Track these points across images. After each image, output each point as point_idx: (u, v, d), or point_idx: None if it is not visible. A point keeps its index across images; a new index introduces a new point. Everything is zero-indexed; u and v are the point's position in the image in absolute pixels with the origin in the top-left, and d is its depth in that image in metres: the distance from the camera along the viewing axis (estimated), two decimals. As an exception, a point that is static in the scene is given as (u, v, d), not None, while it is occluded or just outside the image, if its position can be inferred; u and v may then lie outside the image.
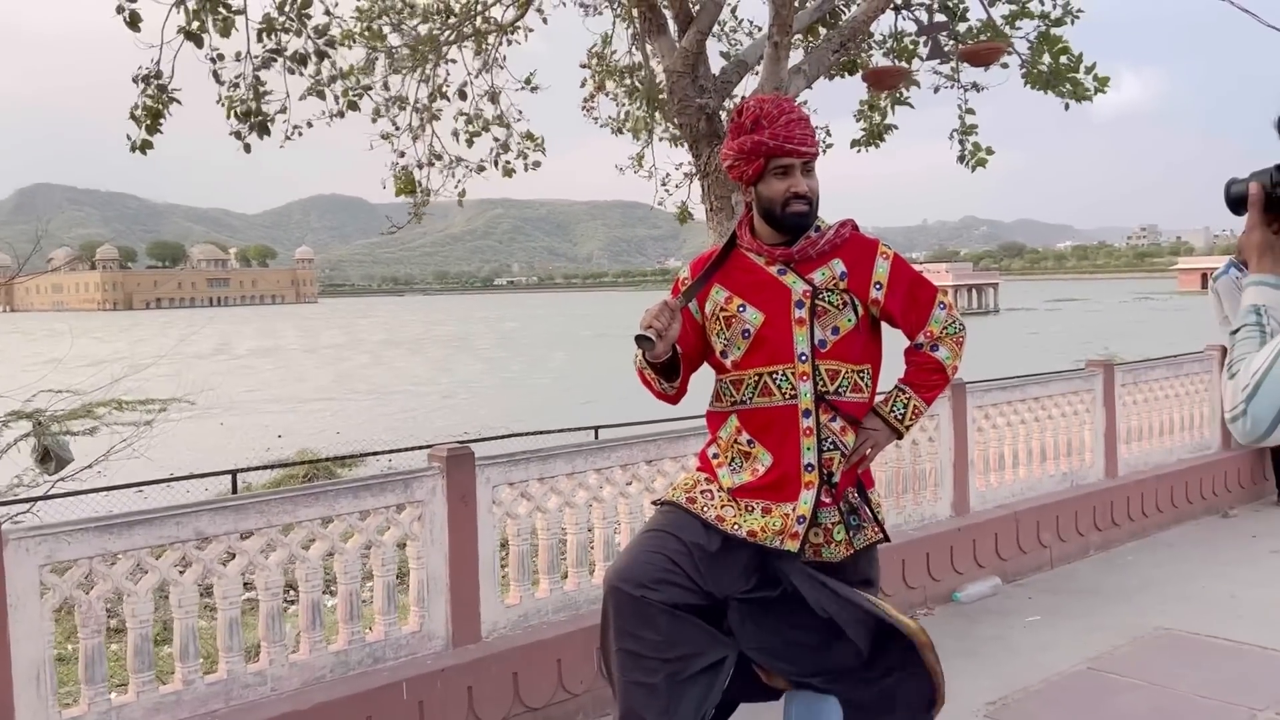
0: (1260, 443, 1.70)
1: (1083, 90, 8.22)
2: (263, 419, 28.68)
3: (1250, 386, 1.67)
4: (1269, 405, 1.66)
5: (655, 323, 2.76)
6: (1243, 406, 1.68)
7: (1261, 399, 1.66)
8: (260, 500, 3.70)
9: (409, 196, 9.41)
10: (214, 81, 7.31)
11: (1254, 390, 1.67)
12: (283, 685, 3.71)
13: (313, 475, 12.92)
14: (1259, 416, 1.66)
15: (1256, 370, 1.67)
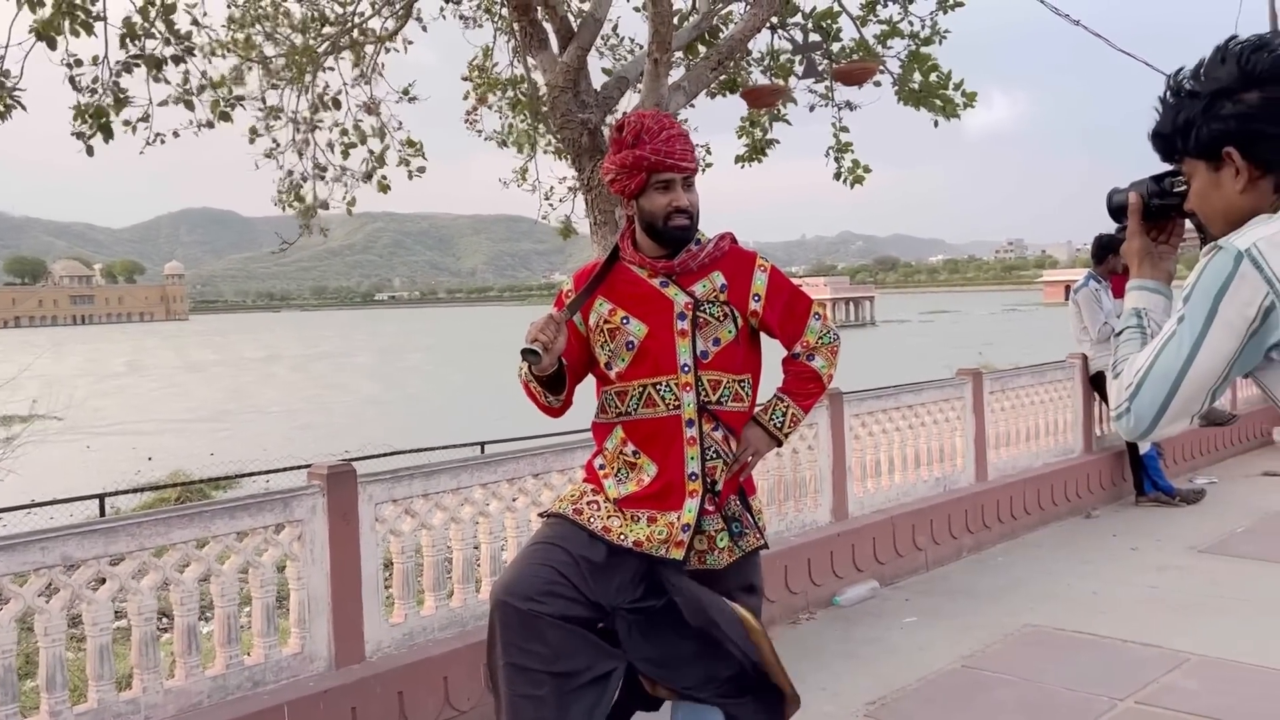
0: (1144, 438, 1.79)
1: (952, 107, 8.55)
2: (132, 441, 27.59)
3: (1133, 385, 1.76)
4: (1150, 403, 1.74)
5: (541, 336, 2.79)
6: (1126, 404, 1.76)
7: (1143, 396, 1.74)
8: (131, 523, 3.58)
9: (302, 216, 9.22)
10: (71, 88, 7.04)
11: (1136, 389, 1.75)
12: (157, 713, 3.59)
13: (186, 497, 12.50)
14: (1141, 414, 1.75)
15: (1139, 369, 1.75)
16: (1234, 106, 1.72)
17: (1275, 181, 1.74)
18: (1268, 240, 1.65)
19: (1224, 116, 1.73)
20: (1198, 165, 1.80)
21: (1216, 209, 1.81)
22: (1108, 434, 8.51)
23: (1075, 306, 8.21)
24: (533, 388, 3.01)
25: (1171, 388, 1.73)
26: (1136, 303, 1.93)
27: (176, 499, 12.54)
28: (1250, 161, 1.74)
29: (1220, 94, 1.74)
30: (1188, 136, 1.79)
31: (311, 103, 8.85)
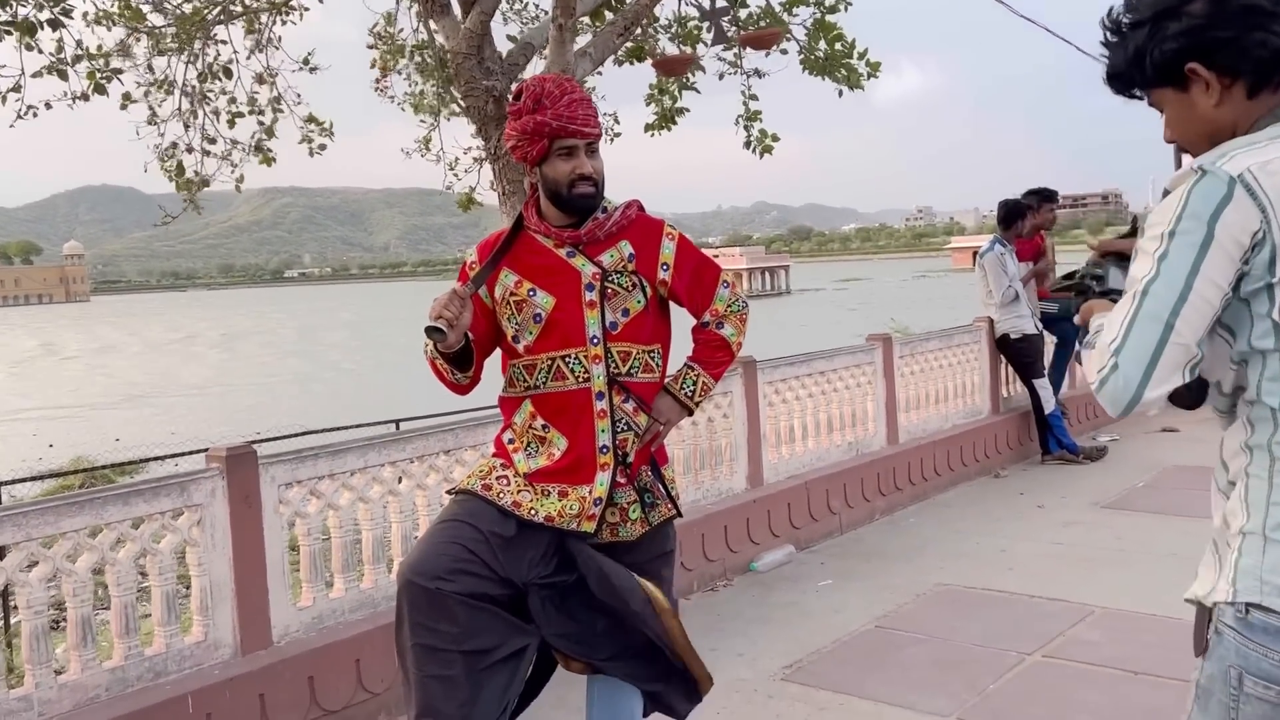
0: (1132, 406, 1.59)
1: (856, 76, 8.59)
2: (30, 428, 26.65)
3: (1117, 338, 1.59)
4: (1140, 353, 1.57)
5: (445, 312, 2.71)
6: (1111, 360, 1.58)
7: (1131, 347, 1.58)
8: (16, 512, 3.41)
9: (186, 190, 8.87)
10: None
11: (1122, 340, 1.59)
12: (52, 709, 3.45)
13: (90, 484, 12.10)
14: (1129, 371, 1.57)
15: (1122, 319, 1.60)
16: (1182, 22, 1.65)
17: (1249, 86, 1.65)
18: (1260, 166, 1.56)
19: (1175, 35, 1.66)
20: (1164, 93, 1.72)
21: (1199, 132, 1.72)
22: (1014, 395, 8.70)
23: (982, 270, 8.36)
24: (439, 365, 2.93)
25: (1165, 329, 1.57)
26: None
27: (80, 486, 12.14)
28: (1216, 72, 1.65)
29: (1163, 14, 1.67)
30: (1143, 66, 1.71)
31: (201, 72, 8.51)
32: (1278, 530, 1.60)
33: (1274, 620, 1.59)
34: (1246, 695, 1.64)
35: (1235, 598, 1.63)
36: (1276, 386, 1.60)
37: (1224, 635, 1.66)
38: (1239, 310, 1.61)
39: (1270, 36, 1.62)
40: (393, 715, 4.19)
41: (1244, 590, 1.62)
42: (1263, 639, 1.61)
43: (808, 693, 4.22)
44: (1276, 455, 1.62)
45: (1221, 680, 1.67)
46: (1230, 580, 1.64)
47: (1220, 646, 1.66)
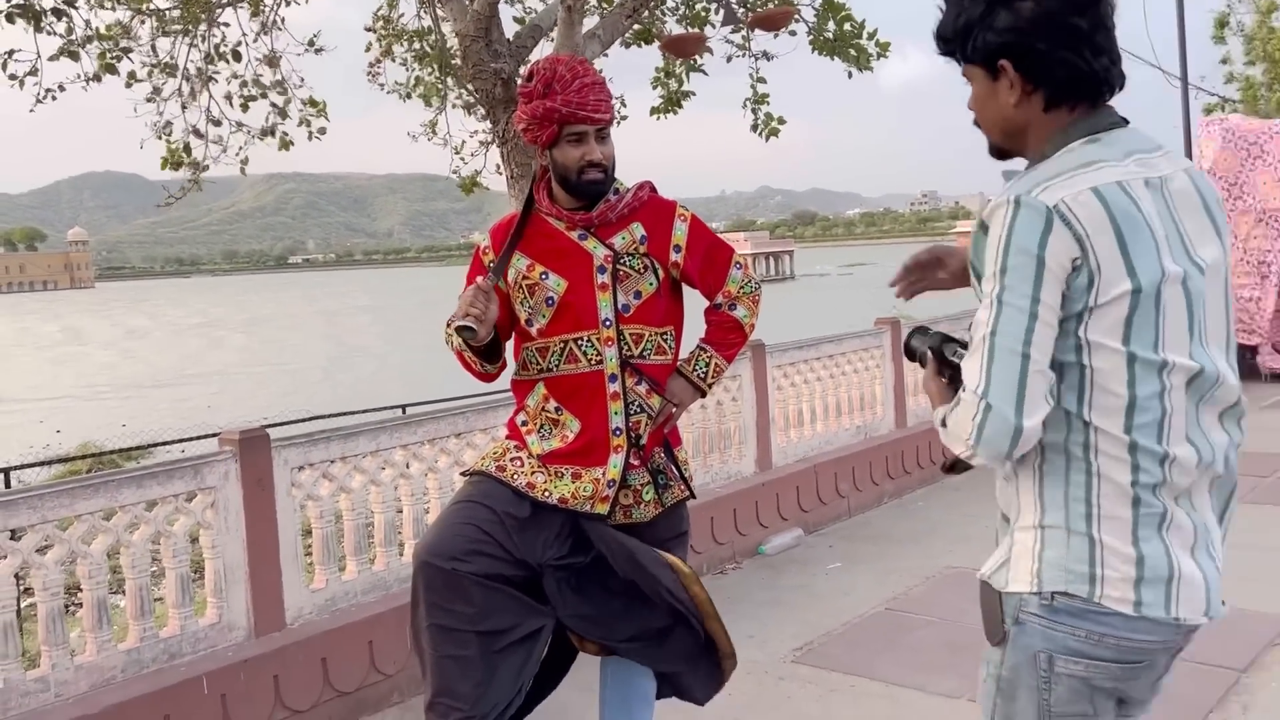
0: (1016, 446, 1.65)
1: (865, 57, 8.55)
2: (38, 414, 26.72)
3: (981, 382, 1.65)
4: (1007, 389, 1.64)
5: (473, 310, 2.72)
6: (982, 403, 1.64)
7: (996, 386, 1.64)
8: (32, 495, 3.43)
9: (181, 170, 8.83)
10: None
11: (986, 383, 1.64)
12: (68, 690, 3.47)
13: (97, 469, 12.14)
14: (1002, 409, 1.63)
15: (978, 366, 1.66)
16: (1009, 17, 1.71)
17: (1045, 98, 1.74)
18: (1073, 198, 1.64)
19: (1000, 28, 1.72)
20: (976, 71, 1.79)
21: (993, 118, 1.81)
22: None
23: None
24: (467, 357, 2.94)
25: (1023, 360, 1.64)
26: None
27: (87, 471, 12.18)
28: (1022, 75, 1.73)
29: (997, 1, 1.72)
30: (966, 42, 1.77)
31: (206, 53, 8.47)
32: (1079, 524, 1.71)
33: (1078, 603, 1.71)
34: (1058, 675, 1.75)
35: (1041, 588, 1.73)
36: (1073, 394, 1.70)
37: (1026, 624, 1.75)
38: None
39: (1077, 60, 1.70)
40: (405, 696, 4.22)
41: (1050, 580, 1.73)
42: (1070, 620, 1.72)
43: (818, 674, 4.24)
44: (1074, 455, 1.72)
45: (1029, 667, 1.77)
46: (1034, 572, 1.74)
47: (1023, 635, 1.76)
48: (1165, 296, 1.67)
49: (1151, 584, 1.71)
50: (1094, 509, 1.72)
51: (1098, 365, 1.69)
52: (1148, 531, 1.72)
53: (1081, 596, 1.71)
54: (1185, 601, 1.72)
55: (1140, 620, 1.71)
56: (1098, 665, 1.74)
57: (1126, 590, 1.71)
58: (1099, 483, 1.72)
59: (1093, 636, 1.72)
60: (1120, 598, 1.70)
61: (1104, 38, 1.72)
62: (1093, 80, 1.73)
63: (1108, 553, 1.71)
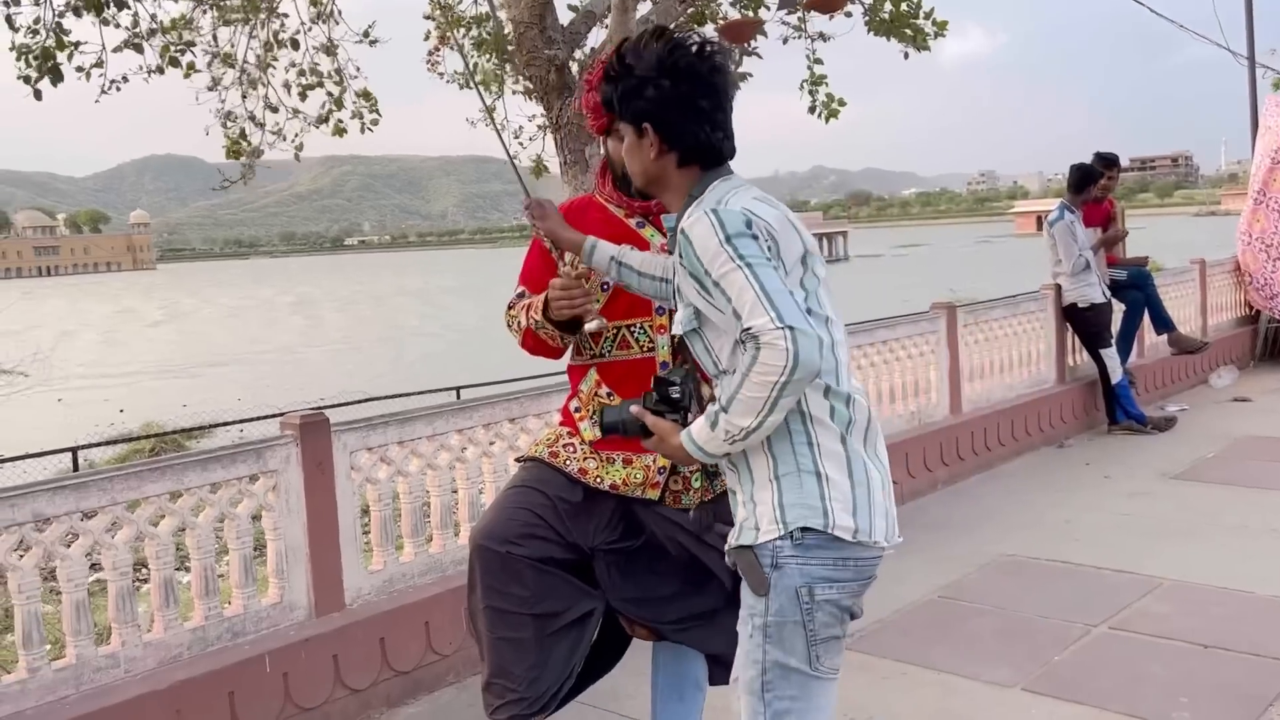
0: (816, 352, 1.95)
1: (922, 37, 8.45)
2: (103, 393, 27.35)
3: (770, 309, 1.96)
4: (791, 309, 1.96)
5: (580, 305, 2.79)
6: (780, 328, 1.93)
7: (783, 310, 1.95)
8: (102, 477, 3.53)
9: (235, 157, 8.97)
10: (7, 26, 6.80)
11: (777, 316, 1.94)
12: (137, 666, 3.58)
13: (159, 449, 12.42)
14: (796, 322, 1.93)
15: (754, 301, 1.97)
16: (654, 91, 2.19)
17: (678, 157, 2.23)
18: (751, 205, 2.12)
19: (647, 98, 2.20)
20: (628, 128, 2.26)
21: (636, 168, 2.30)
22: (1080, 364, 8.57)
23: (1051, 239, 8.19)
24: (544, 334, 2.94)
25: (791, 295, 1.99)
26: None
27: (150, 450, 12.45)
28: (660, 137, 2.22)
29: (649, 79, 2.19)
30: (624, 106, 2.25)
31: (265, 41, 8.59)
32: (808, 463, 2.08)
33: (822, 537, 2.07)
34: (818, 602, 2.09)
35: (788, 527, 2.07)
36: None
37: (785, 566, 2.09)
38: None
39: (700, 132, 2.21)
40: (460, 676, 4.29)
41: (793, 519, 2.07)
42: (819, 552, 2.07)
43: (870, 661, 4.24)
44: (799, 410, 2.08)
45: (791, 603, 2.09)
46: (778, 519, 2.08)
47: (783, 577, 2.09)
48: (814, 267, 2.17)
49: (862, 513, 2.08)
50: (815, 449, 2.08)
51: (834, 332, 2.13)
52: (857, 465, 2.10)
53: (816, 529, 2.06)
54: (882, 530, 2.11)
55: (858, 545, 2.08)
56: (845, 586, 2.10)
57: (848, 519, 2.07)
58: (814, 425, 2.08)
59: (838, 561, 2.08)
60: (844, 526, 2.06)
61: (722, 118, 2.24)
62: (711, 148, 2.24)
63: (831, 486, 2.07)
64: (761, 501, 2.12)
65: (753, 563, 2.12)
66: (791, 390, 1.95)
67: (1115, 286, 8.47)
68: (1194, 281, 10.26)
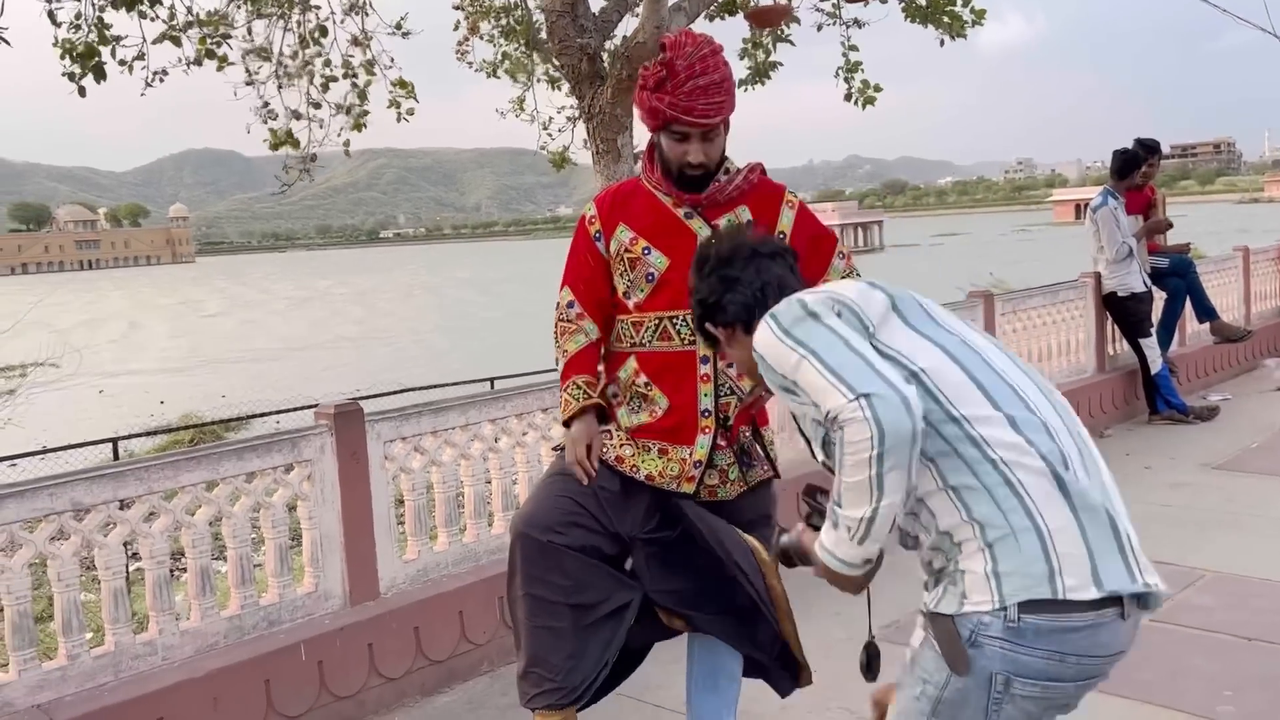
0: (908, 409, 1.77)
1: (959, 24, 8.35)
2: (143, 384, 27.71)
3: (838, 382, 1.80)
4: (859, 373, 1.79)
5: (589, 468, 2.91)
6: (856, 399, 1.76)
7: (851, 374, 1.79)
8: (139, 466, 3.56)
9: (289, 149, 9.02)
10: (50, 22, 6.87)
11: (841, 379, 1.79)
12: (174, 654, 3.61)
13: (198, 439, 12.56)
14: (893, 418, 1.74)
15: (822, 385, 1.82)
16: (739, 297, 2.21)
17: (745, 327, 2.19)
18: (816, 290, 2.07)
19: (738, 304, 2.20)
20: (730, 331, 2.24)
21: (743, 360, 2.23)
22: (1120, 353, 8.45)
23: (1094, 225, 8.06)
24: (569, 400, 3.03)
25: (855, 352, 1.83)
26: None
27: (189, 441, 12.60)
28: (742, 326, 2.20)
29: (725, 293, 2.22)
30: (724, 313, 2.23)
31: (301, 36, 8.63)
32: (1021, 518, 1.77)
33: (1045, 618, 1.73)
34: (1012, 696, 1.79)
35: (1005, 601, 1.75)
36: (924, 397, 1.86)
37: (985, 647, 1.78)
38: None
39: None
40: (494, 665, 4.29)
41: (1011, 591, 1.75)
42: (1035, 641, 1.75)
43: (905, 652, 4.19)
44: (967, 455, 1.82)
45: (979, 688, 1.79)
46: (993, 589, 1.77)
47: (980, 658, 1.79)
48: (906, 313, 2.06)
49: (1108, 559, 1.75)
50: (1025, 498, 1.76)
51: (924, 364, 1.88)
52: (1081, 502, 1.78)
53: (1046, 599, 1.72)
54: (1122, 578, 1.77)
55: (1103, 606, 1.73)
56: (1056, 686, 1.78)
57: (1084, 573, 1.73)
58: (1011, 470, 1.78)
59: (1056, 656, 1.75)
60: (1079, 585, 1.72)
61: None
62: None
63: (1058, 537, 1.75)
64: (972, 570, 1.81)
65: (951, 634, 1.82)
66: (892, 461, 1.74)
67: (1157, 274, 8.34)
68: (1237, 269, 10.07)
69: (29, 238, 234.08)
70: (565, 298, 3.07)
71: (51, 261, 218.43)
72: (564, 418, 3.01)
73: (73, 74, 6.99)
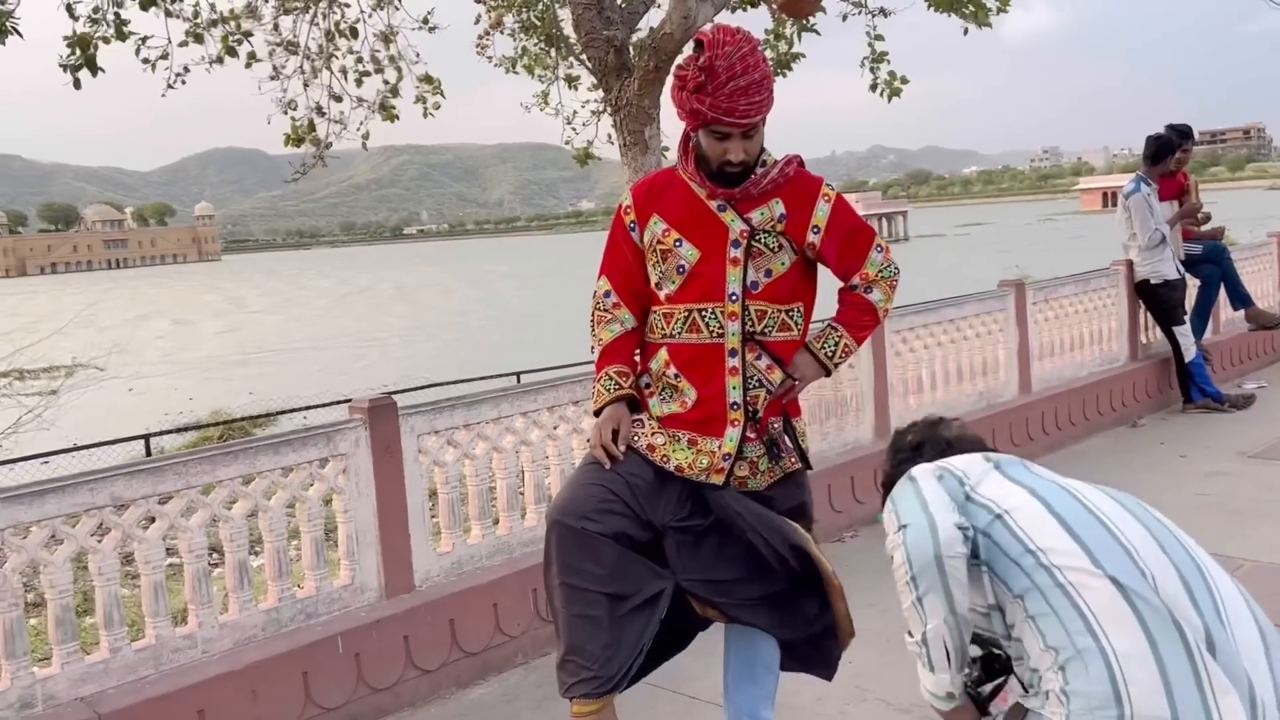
0: (938, 535, 2.02)
1: (984, 13, 8.26)
2: (173, 382, 27.94)
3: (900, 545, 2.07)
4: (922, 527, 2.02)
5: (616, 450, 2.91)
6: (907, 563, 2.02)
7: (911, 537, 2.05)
8: (178, 461, 3.59)
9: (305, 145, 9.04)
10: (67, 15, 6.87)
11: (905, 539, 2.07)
12: (214, 647, 3.64)
13: (228, 436, 12.65)
14: (916, 543, 2.00)
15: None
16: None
17: None
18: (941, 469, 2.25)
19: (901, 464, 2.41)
20: None
21: None
22: (1153, 341, 8.37)
23: (1126, 212, 7.97)
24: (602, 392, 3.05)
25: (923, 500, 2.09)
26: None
27: (219, 437, 12.69)
28: None
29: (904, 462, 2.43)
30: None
31: (327, 30, 8.64)
32: (1086, 640, 1.82)
33: None
34: None
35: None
36: (1003, 537, 2.11)
37: None
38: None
39: None
40: (529, 658, 4.31)
41: (1078, 710, 1.77)
42: None
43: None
44: (1043, 585, 1.93)
45: None
46: (1065, 706, 1.80)
47: None
48: (1007, 469, 2.31)
49: (1185, 694, 1.68)
50: (1091, 621, 1.77)
51: (1008, 506, 2.06)
52: (1158, 624, 1.74)
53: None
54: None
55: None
56: None
57: (1158, 699, 1.67)
58: (1081, 594, 1.81)
59: None
60: (1154, 710, 1.68)
61: None
62: None
63: (1124, 661, 1.71)
64: (1050, 685, 1.83)
65: None
66: (925, 585, 1.98)
67: (1190, 261, 8.24)
68: (1271, 255, 9.95)
69: (58, 238, 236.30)
70: (602, 287, 3.08)
71: (80, 261, 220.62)
72: (595, 408, 3.01)
73: (68, 65, 6.84)
